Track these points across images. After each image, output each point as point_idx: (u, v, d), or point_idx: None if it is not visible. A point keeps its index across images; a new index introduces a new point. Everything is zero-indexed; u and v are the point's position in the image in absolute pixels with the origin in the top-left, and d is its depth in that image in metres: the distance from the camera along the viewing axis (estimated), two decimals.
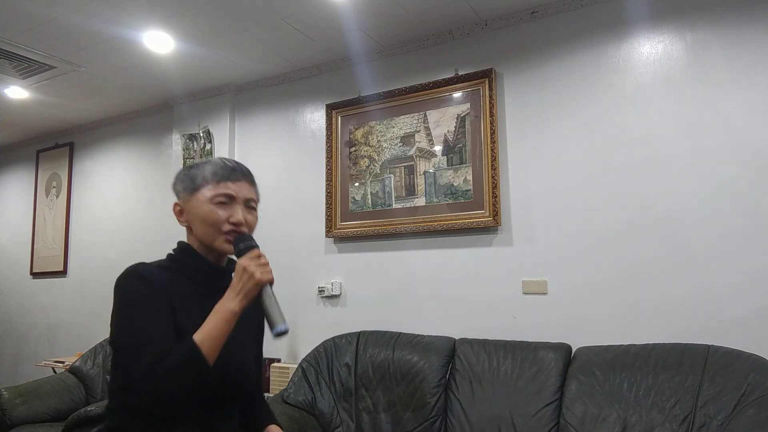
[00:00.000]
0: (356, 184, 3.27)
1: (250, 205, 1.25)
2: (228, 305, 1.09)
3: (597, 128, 2.65)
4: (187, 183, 1.24)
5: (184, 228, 1.27)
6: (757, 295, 2.26)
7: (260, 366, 1.35)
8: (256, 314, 1.34)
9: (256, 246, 1.16)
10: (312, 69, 3.53)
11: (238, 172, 1.24)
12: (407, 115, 3.15)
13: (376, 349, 2.81)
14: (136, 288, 1.10)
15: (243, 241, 1.17)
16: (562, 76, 2.75)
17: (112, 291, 1.12)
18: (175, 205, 1.26)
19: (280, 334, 1.09)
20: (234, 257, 1.18)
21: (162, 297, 1.11)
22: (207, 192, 1.20)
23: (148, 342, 1.04)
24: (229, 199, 1.20)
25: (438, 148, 3.02)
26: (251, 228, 1.23)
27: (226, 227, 1.19)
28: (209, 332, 1.06)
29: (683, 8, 2.52)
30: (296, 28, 3.03)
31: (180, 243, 1.26)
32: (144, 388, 1.01)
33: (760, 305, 2.25)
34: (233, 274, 1.13)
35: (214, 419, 1.16)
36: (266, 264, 1.13)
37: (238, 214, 1.20)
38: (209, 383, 1.08)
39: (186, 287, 1.17)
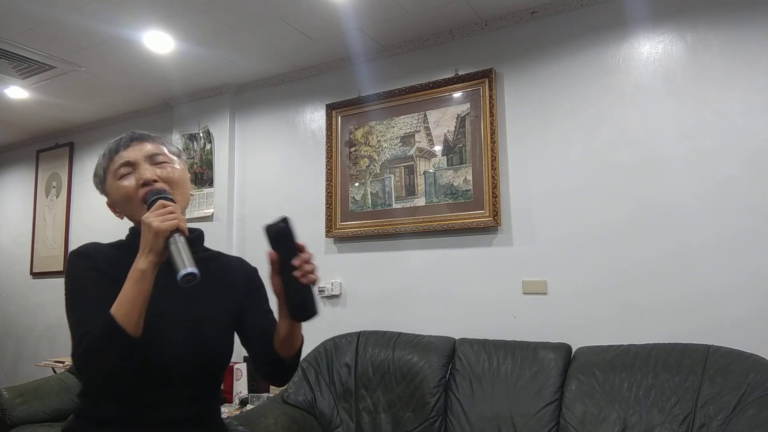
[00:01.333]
0: (356, 184, 3.27)
1: (159, 159, 1.16)
2: (136, 265, 0.99)
3: (597, 128, 2.65)
4: (96, 179, 1.20)
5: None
6: (757, 295, 2.26)
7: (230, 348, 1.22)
8: (230, 289, 1.24)
9: (164, 197, 1.05)
10: (312, 69, 3.53)
11: (128, 138, 1.18)
12: (407, 115, 3.14)
13: (376, 349, 2.81)
14: (77, 265, 1.09)
15: (152, 196, 1.07)
16: (562, 76, 2.75)
17: None
18: (107, 203, 1.21)
19: (185, 279, 0.94)
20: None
21: (103, 272, 1.07)
22: (109, 173, 1.16)
23: (84, 318, 1.01)
24: (129, 166, 1.14)
25: (438, 148, 3.02)
26: (173, 181, 1.14)
27: (141, 193, 1.11)
28: (120, 298, 0.98)
29: (683, 8, 2.52)
30: (296, 28, 3.02)
31: (130, 227, 1.21)
32: (76, 366, 1.00)
33: (760, 305, 2.25)
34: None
35: (163, 404, 1.09)
36: (170, 212, 1.00)
37: (144, 173, 1.12)
38: (136, 363, 1.00)
39: None
